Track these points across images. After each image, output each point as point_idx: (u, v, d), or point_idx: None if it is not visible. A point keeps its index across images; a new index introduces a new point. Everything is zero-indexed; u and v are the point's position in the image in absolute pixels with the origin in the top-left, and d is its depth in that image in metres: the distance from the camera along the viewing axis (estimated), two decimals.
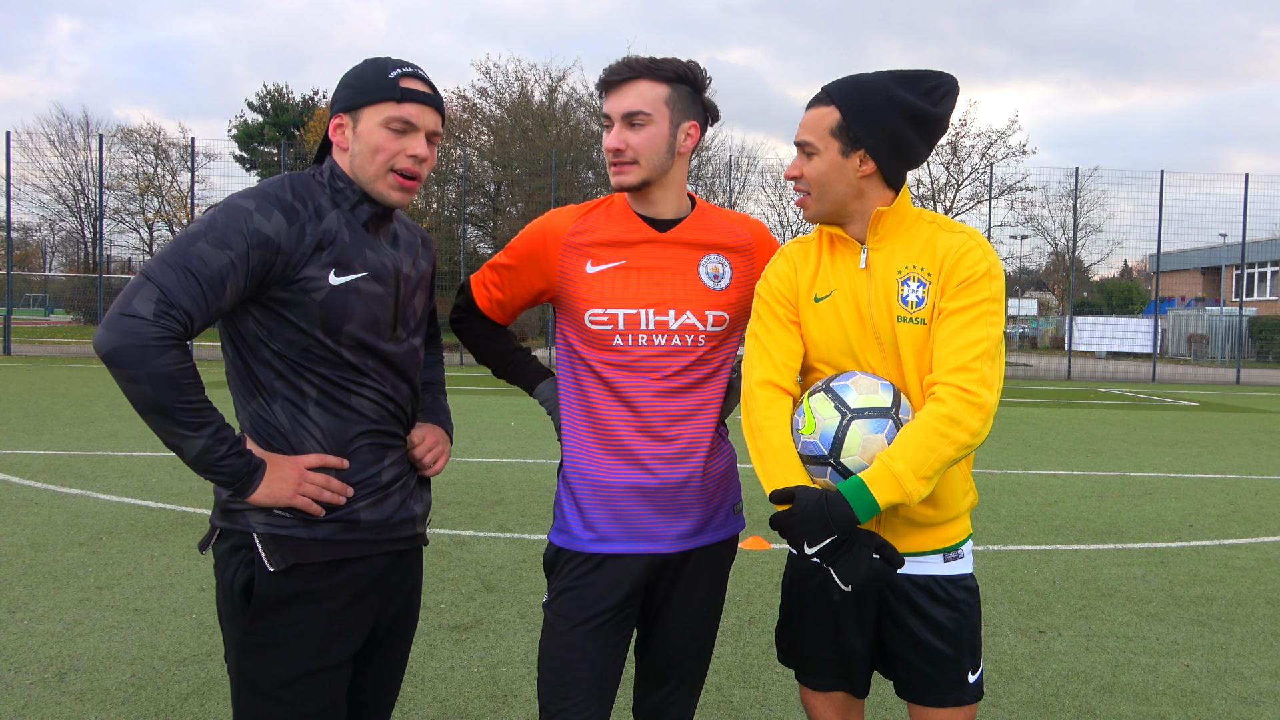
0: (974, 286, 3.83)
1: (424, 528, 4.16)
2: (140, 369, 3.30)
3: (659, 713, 4.47)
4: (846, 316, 3.96)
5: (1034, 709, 6.93)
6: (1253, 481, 16.89)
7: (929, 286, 3.89)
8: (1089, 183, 60.48)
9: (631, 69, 4.10)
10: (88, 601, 8.72)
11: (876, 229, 3.97)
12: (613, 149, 4.12)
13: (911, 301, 3.88)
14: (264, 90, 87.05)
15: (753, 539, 11.16)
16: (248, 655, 3.69)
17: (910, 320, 3.88)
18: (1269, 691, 7.33)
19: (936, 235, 3.97)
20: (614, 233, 4.27)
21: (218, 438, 3.46)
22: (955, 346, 3.78)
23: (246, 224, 3.52)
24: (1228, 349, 63.89)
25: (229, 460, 3.50)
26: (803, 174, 3.94)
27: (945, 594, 4.04)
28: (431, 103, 3.81)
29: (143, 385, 3.32)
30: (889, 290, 3.91)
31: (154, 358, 3.30)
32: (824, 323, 4.00)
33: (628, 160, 4.13)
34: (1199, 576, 10.50)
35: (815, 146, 3.90)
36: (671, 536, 4.24)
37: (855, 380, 3.84)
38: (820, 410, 3.76)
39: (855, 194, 3.94)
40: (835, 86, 3.93)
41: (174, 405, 3.37)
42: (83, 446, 17.40)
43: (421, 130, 3.77)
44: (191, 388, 3.40)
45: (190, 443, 3.43)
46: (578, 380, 4.29)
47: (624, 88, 4.10)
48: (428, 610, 8.49)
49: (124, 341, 3.30)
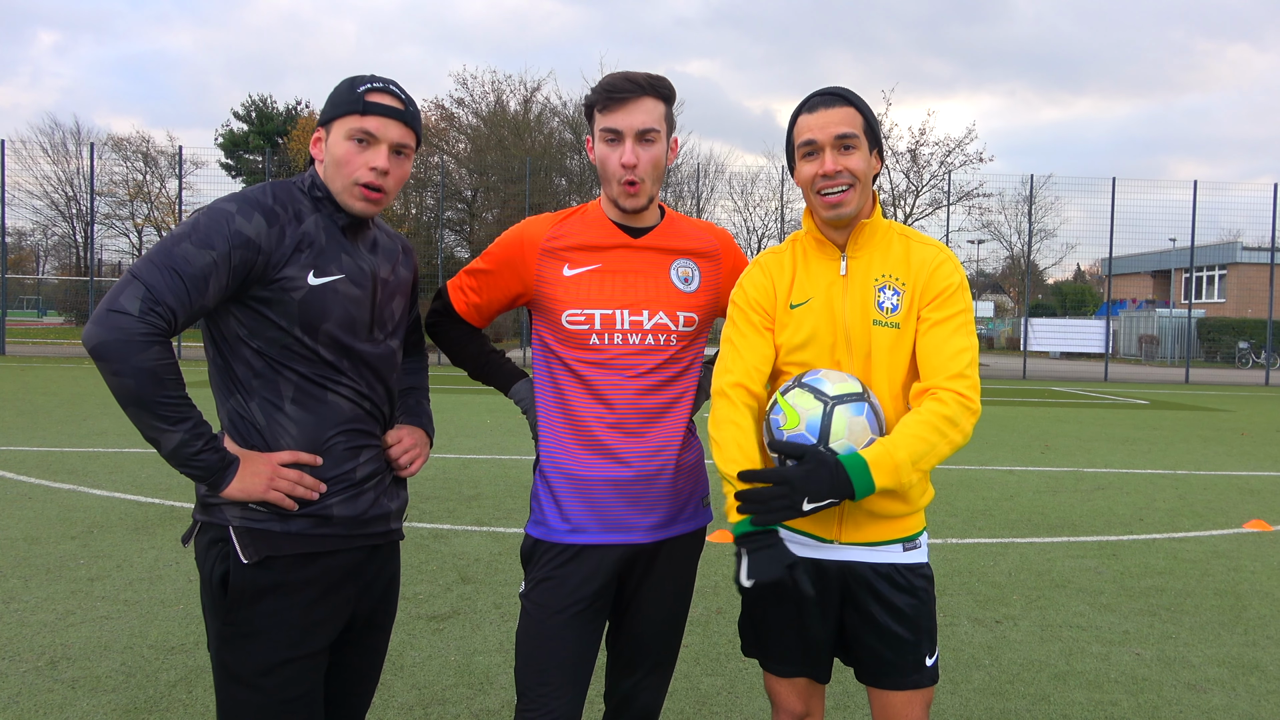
0: (952, 298, 3.98)
1: (399, 524, 4.16)
2: (125, 363, 3.32)
3: (630, 699, 4.48)
4: (821, 320, 4.01)
5: (990, 696, 6.95)
6: (1201, 477, 16.95)
7: (903, 294, 3.98)
8: (1043, 189, 60.63)
9: (640, 85, 4.10)
10: (79, 593, 8.71)
11: (857, 239, 4.04)
12: (630, 164, 4.11)
13: (887, 308, 3.97)
14: (248, 100, 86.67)
15: (721, 532, 11.12)
16: (226, 645, 3.71)
17: (885, 324, 3.96)
18: (1216, 679, 7.36)
19: (909, 247, 4.08)
20: (590, 238, 4.29)
21: (194, 433, 3.48)
22: (947, 354, 3.90)
23: (228, 225, 3.54)
24: (1177, 349, 64.11)
25: (204, 455, 3.52)
26: (845, 167, 3.92)
27: (905, 581, 4.06)
28: (398, 116, 3.81)
29: (126, 379, 3.34)
30: (865, 296, 3.99)
31: (138, 352, 3.33)
32: (801, 327, 4.04)
33: (637, 179, 4.14)
34: (1149, 568, 10.55)
35: (859, 140, 3.93)
36: (644, 527, 4.26)
37: (824, 374, 3.87)
38: (800, 403, 3.77)
39: (869, 193, 4.03)
40: (847, 91, 4.00)
41: (155, 399, 3.39)
42: (75, 443, 17.38)
43: (384, 142, 3.78)
44: (172, 383, 3.42)
45: (168, 436, 3.45)
46: (554, 379, 4.31)
47: (635, 103, 4.10)
48: (406, 601, 8.52)
49: (111, 336, 3.32)
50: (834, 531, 4.04)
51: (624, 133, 4.10)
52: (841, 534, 4.03)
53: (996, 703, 6.84)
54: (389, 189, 3.84)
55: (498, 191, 61.97)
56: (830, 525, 4.03)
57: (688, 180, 65.82)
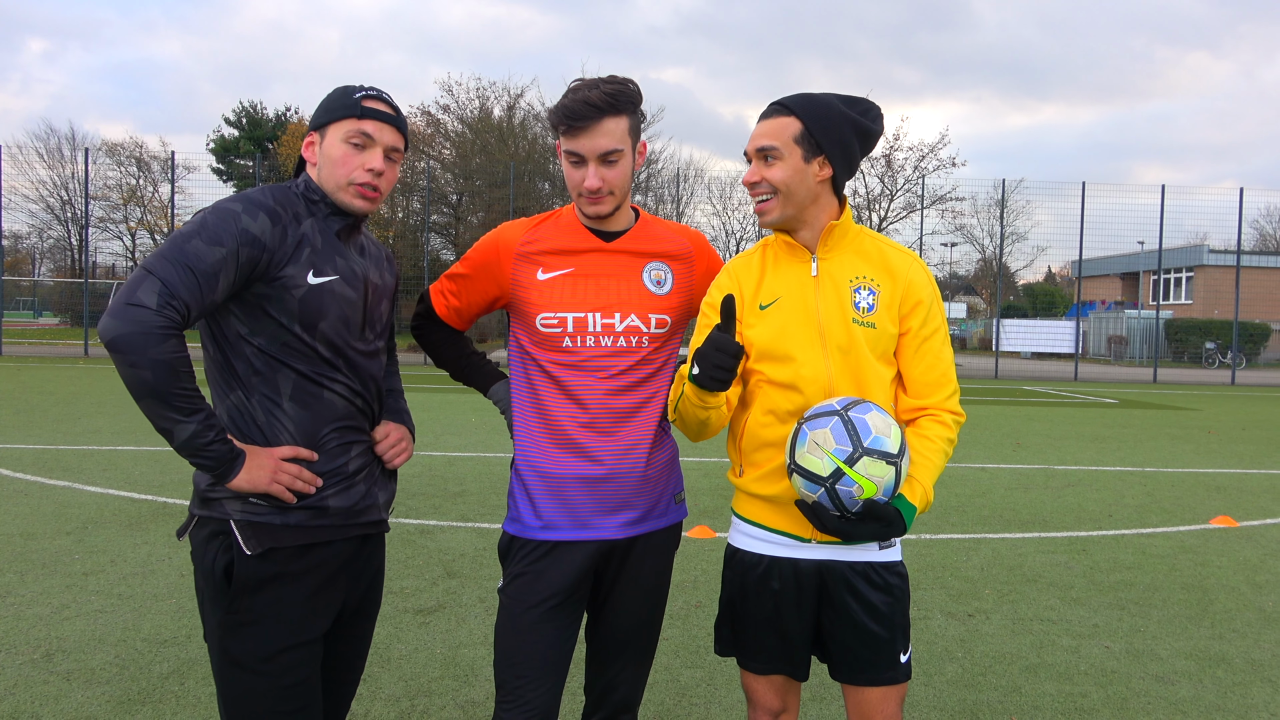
0: (931, 310, 4.11)
1: (387, 514, 4.20)
2: (143, 355, 3.35)
3: (609, 691, 4.48)
4: (792, 318, 4.02)
5: (963, 688, 6.96)
6: (1169, 474, 16.99)
7: (878, 294, 4.03)
8: (1015, 193, 60.70)
9: (597, 108, 4.04)
10: (74, 587, 8.69)
11: (827, 241, 4.05)
12: (593, 189, 4.10)
13: (863, 307, 4.00)
14: (239, 106, 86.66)
15: (699, 528, 11.21)
16: (230, 633, 3.72)
17: (863, 324, 3.99)
18: (1184, 671, 7.38)
19: (883, 250, 4.14)
20: (563, 242, 4.30)
21: (207, 424, 3.51)
22: (940, 371, 4.08)
23: (235, 224, 3.59)
24: (1145, 350, 64.37)
25: (215, 446, 3.54)
26: (764, 179, 3.96)
27: (880, 579, 4.07)
28: (391, 121, 3.90)
29: (143, 370, 3.36)
30: (841, 296, 4.01)
31: (156, 344, 3.36)
32: (769, 326, 4.04)
33: (605, 193, 4.14)
34: (1118, 563, 10.57)
35: (780, 152, 3.93)
36: (617, 524, 4.26)
37: (873, 424, 3.75)
38: (874, 472, 3.70)
39: (812, 199, 4.00)
40: (791, 99, 3.99)
41: (171, 391, 3.41)
42: (70, 441, 17.30)
43: (379, 145, 3.86)
44: (187, 375, 3.45)
45: (182, 427, 3.47)
46: (529, 379, 4.32)
47: (595, 126, 4.05)
48: (394, 595, 8.55)
49: (130, 329, 3.35)
50: (810, 530, 4.04)
51: (586, 156, 4.09)
52: (818, 533, 4.03)
53: (969, 694, 6.85)
54: (383, 190, 3.91)
55: (482, 196, 62.08)
56: (807, 524, 4.02)
57: (668, 185, 65.94)
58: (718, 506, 12.83)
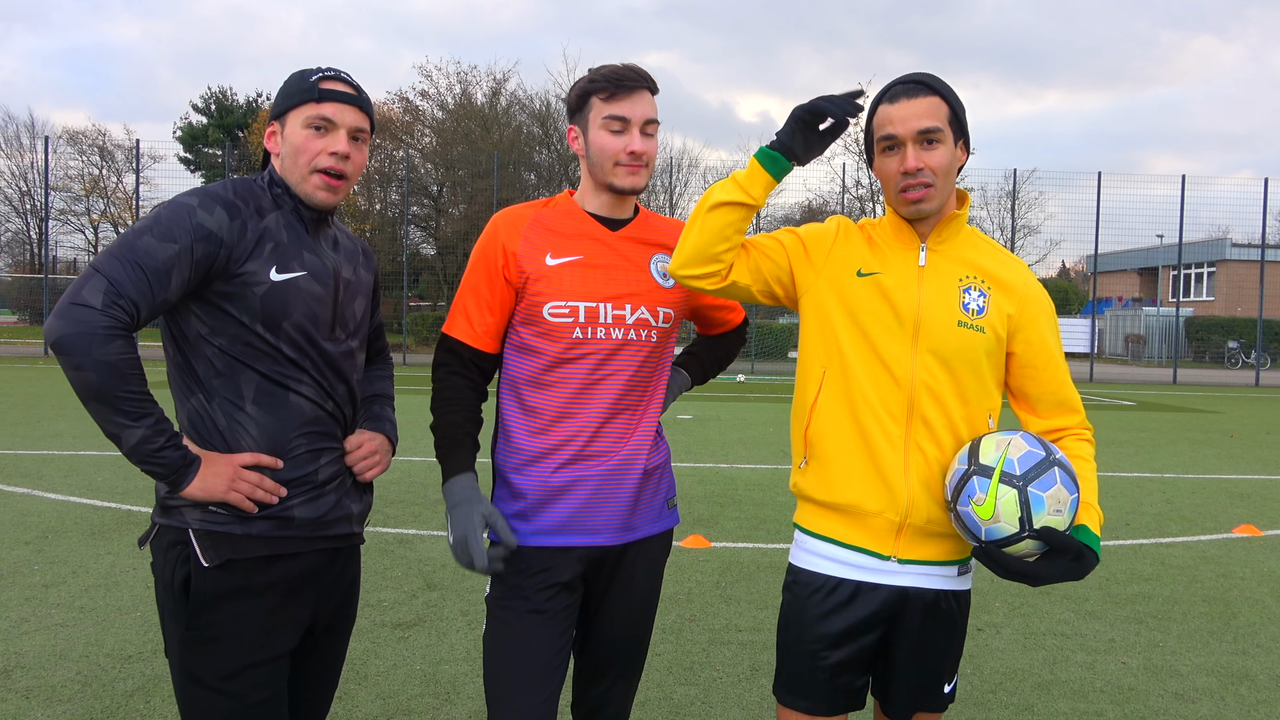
0: (1052, 322, 4.02)
1: (360, 527, 4.18)
2: (87, 356, 3.34)
3: (598, 708, 4.50)
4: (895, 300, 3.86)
5: (972, 706, 6.96)
6: (1189, 480, 16.98)
7: (988, 297, 3.89)
8: (1026, 185, 60.72)
9: (643, 78, 4.16)
10: (34, 599, 8.69)
11: (943, 231, 3.93)
12: (639, 151, 4.14)
13: (973, 309, 3.86)
14: (208, 92, 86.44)
15: (693, 537, 11.20)
16: (189, 650, 3.72)
17: (971, 326, 3.84)
18: (1205, 688, 7.38)
19: (995, 253, 4.03)
20: (569, 228, 4.28)
21: (157, 429, 3.50)
22: (1070, 389, 4.04)
23: (190, 218, 3.59)
24: (1164, 349, 64.32)
25: (166, 452, 3.53)
26: (926, 165, 3.78)
27: (957, 606, 3.99)
28: (352, 101, 3.90)
29: (88, 373, 3.36)
30: (947, 293, 3.88)
31: (100, 345, 3.35)
32: (862, 298, 3.89)
33: (643, 164, 4.18)
34: (1136, 575, 10.58)
35: (944, 134, 3.79)
36: (610, 530, 4.26)
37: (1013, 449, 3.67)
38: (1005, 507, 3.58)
39: (953, 188, 3.93)
40: (930, 78, 3.85)
41: (117, 394, 3.41)
42: (29, 445, 17.33)
43: (341, 127, 3.85)
44: (135, 378, 3.45)
45: (130, 432, 3.47)
46: (518, 376, 4.30)
47: (640, 94, 4.15)
48: (371, 608, 8.54)
49: (73, 329, 3.35)
50: (891, 546, 3.88)
51: (632, 121, 4.13)
52: (899, 549, 3.88)
53: (979, 713, 6.86)
54: (349, 174, 3.90)
55: (464, 186, 62.06)
56: (887, 539, 3.87)
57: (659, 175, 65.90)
58: (712, 514, 12.85)
